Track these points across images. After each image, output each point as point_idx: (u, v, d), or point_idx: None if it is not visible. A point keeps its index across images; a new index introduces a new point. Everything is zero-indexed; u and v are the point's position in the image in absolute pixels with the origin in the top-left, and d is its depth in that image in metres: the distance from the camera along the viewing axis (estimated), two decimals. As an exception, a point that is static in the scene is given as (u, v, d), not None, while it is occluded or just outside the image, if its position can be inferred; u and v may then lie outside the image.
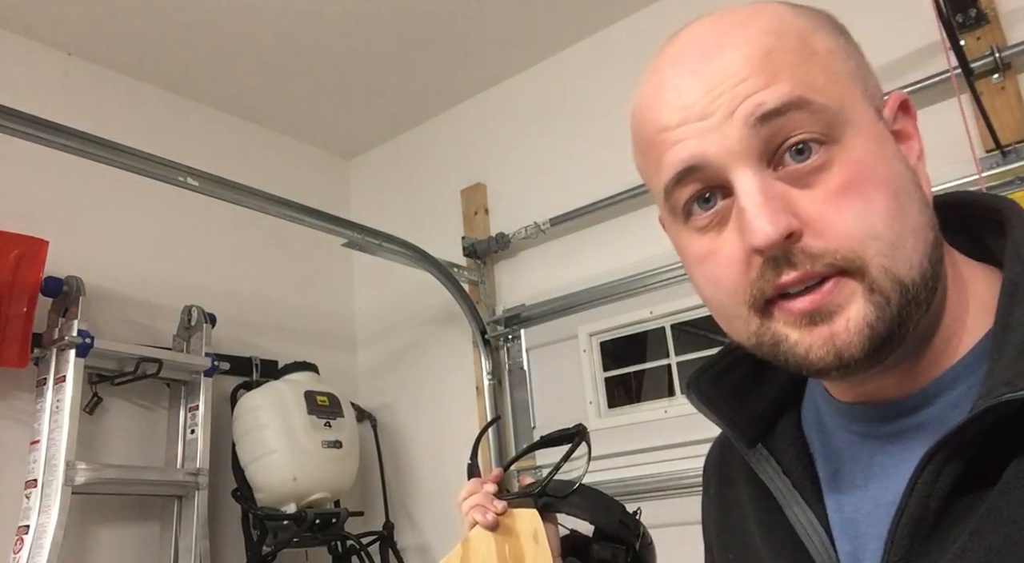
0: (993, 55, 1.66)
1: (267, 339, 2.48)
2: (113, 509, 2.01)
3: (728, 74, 0.50)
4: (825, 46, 0.52)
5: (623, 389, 2.22)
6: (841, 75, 0.51)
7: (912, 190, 0.51)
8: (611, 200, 2.20)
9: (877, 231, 0.48)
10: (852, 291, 0.48)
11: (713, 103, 0.50)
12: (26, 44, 2.16)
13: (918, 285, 0.48)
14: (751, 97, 0.49)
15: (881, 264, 0.47)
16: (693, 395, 0.63)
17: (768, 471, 0.59)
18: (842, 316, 0.48)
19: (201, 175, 1.79)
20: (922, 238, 0.49)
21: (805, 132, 0.49)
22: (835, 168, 0.49)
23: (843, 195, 0.48)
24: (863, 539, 0.53)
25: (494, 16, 2.29)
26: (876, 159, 0.49)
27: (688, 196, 0.53)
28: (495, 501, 0.82)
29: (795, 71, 0.50)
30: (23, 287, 1.83)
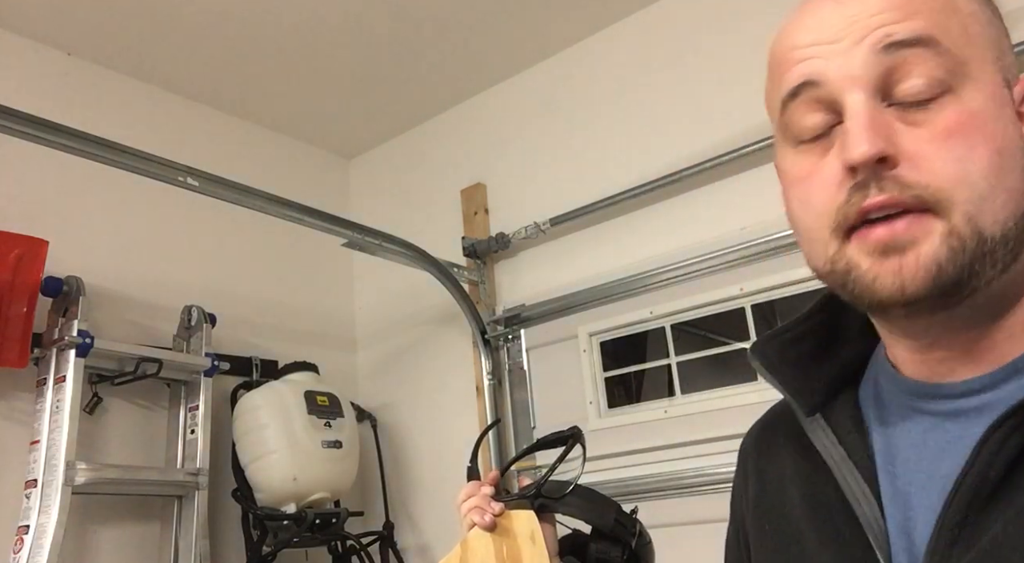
0: (993, 55, 1.65)
1: (267, 339, 2.49)
2: (113, 509, 2.01)
3: (869, 6, 0.52)
4: (969, 8, 0.53)
5: (623, 389, 2.22)
6: (976, 35, 0.52)
7: (1019, 156, 0.51)
8: (611, 200, 2.20)
9: (972, 179, 0.49)
10: (930, 229, 0.49)
11: (847, 29, 0.52)
12: (26, 44, 2.16)
13: (997, 241, 0.49)
14: (883, 27, 0.51)
15: (966, 210, 0.49)
16: (756, 360, 0.64)
17: (824, 440, 0.60)
18: (914, 251, 0.49)
19: (201, 175, 1.79)
20: (1014, 200, 0.50)
21: (926, 71, 0.50)
22: (946, 112, 0.50)
23: (948, 138, 0.49)
24: (915, 510, 0.54)
25: (494, 16, 2.29)
26: (989, 115, 0.50)
27: (801, 118, 0.55)
28: (492, 503, 0.85)
29: (932, 15, 0.51)
30: (23, 287, 1.83)
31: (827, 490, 0.59)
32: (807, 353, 0.64)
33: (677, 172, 2.07)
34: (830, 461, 0.59)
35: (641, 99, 2.28)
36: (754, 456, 0.72)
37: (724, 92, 2.08)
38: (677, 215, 2.12)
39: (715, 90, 2.10)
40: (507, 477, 1.02)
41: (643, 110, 2.27)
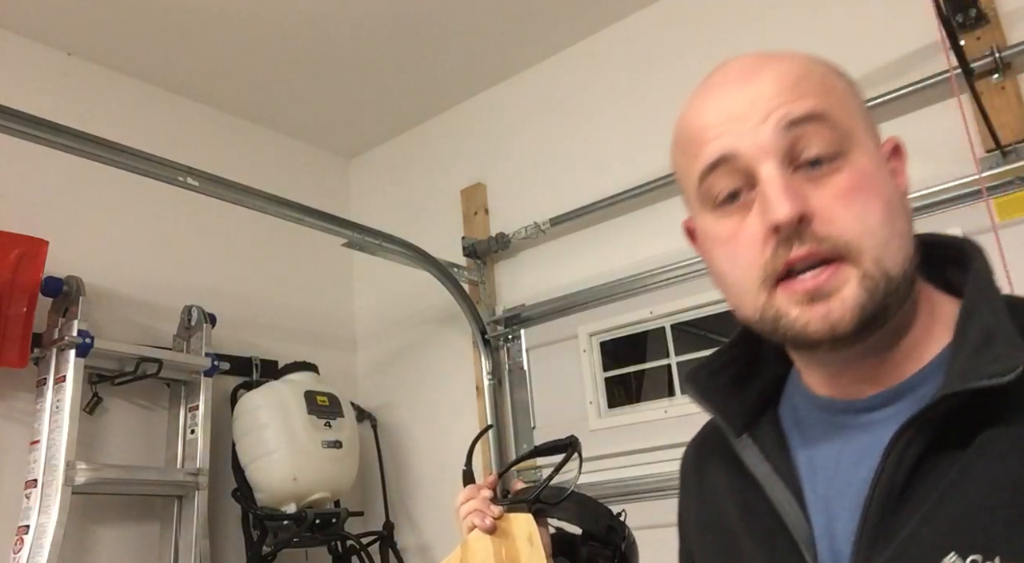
0: (993, 55, 1.66)
1: (267, 339, 2.49)
2: (113, 509, 2.01)
3: (766, 90, 0.61)
4: (840, 86, 0.64)
5: (623, 389, 2.22)
6: (852, 109, 0.62)
7: (901, 207, 0.61)
8: (611, 200, 2.21)
9: (873, 229, 0.57)
10: (848, 276, 0.57)
11: (751, 109, 0.61)
12: (26, 44, 2.17)
13: (899, 279, 0.58)
14: (783, 107, 0.60)
15: (874, 256, 0.57)
16: (690, 387, 0.72)
17: (752, 457, 0.67)
18: (837, 297, 0.57)
19: (201, 175, 1.80)
20: (904, 244, 0.60)
21: (822, 140, 0.59)
22: (843, 174, 0.59)
23: (849, 196, 0.58)
24: (835, 512, 0.61)
25: (494, 16, 2.29)
26: (876, 176, 0.60)
27: (719, 185, 0.62)
28: (492, 506, 0.86)
29: (818, 95, 0.61)
30: (23, 287, 1.83)
31: (758, 501, 0.66)
32: (732, 379, 0.72)
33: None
34: (759, 475, 0.66)
35: (641, 99, 2.28)
36: (693, 476, 0.78)
37: (724, 92, 2.07)
38: (677, 215, 2.09)
39: (715, 90, 2.10)
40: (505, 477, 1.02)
41: (643, 110, 2.27)
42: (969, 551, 0.52)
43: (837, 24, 1.94)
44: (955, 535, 0.53)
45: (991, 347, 0.56)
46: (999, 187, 1.64)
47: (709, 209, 0.64)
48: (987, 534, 0.51)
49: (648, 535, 1.01)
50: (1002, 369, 0.53)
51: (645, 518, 1.17)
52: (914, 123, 1.79)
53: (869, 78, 1.86)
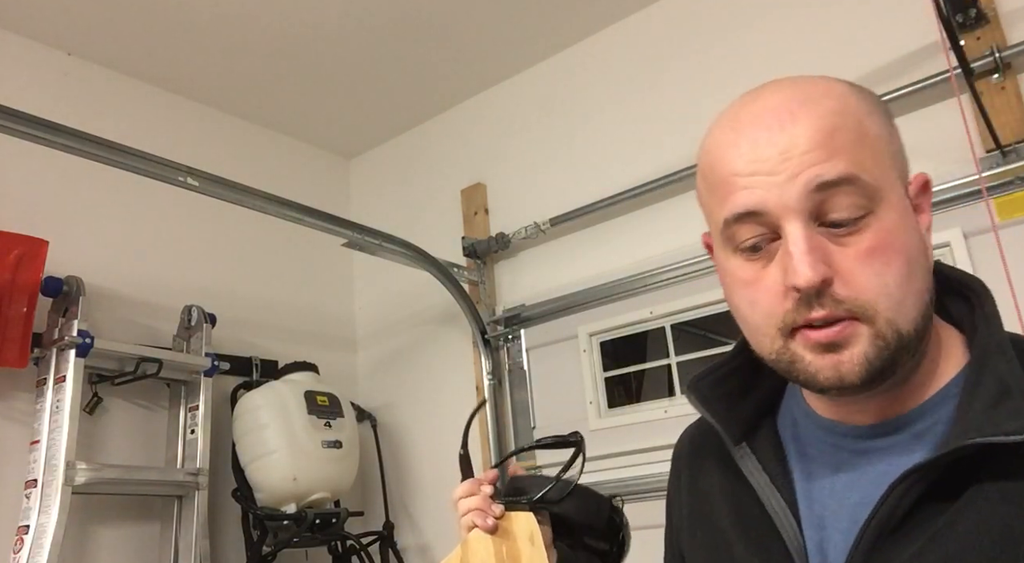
0: (993, 55, 1.66)
1: (267, 339, 2.49)
2: (113, 509, 2.01)
3: (798, 143, 0.60)
4: (876, 131, 0.62)
5: (623, 389, 2.22)
6: (884, 157, 0.62)
7: (921, 259, 0.62)
8: (611, 200, 2.20)
9: (890, 290, 0.59)
10: (860, 333, 0.59)
11: (782, 164, 0.60)
12: (26, 44, 2.17)
13: (912, 336, 0.60)
14: (814, 167, 0.59)
15: (887, 317, 0.59)
16: (692, 396, 0.73)
17: (749, 466, 0.69)
18: (848, 350, 0.59)
19: (201, 175, 1.79)
20: (921, 300, 0.61)
21: (850, 203, 0.59)
22: (867, 233, 0.59)
23: (870, 256, 0.59)
24: (828, 531, 0.63)
25: (494, 16, 2.29)
26: (900, 230, 0.60)
27: (745, 233, 0.63)
28: (493, 505, 0.84)
29: (851, 151, 0.60)
30: (23, 287, 1.83)
31: (752, 507, 0.68)
32: (733, 389, 0.74)
33: (677, 172, 2.07)
34: (755, 484, 0.68)
35: (641, 99, 2.28)
36: (687, 471, 0.80)
37: (724, 92, 2.07)
38: (677, 215, 2.12)
39: (715, 90, 2.10)
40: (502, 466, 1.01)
41: (643, 110, 2.27)
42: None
43: (837, 24, 1.94)
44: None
45: (1008, 401, 0.57)
46: (999, 187, 1.64)
47: (731, 250, 0.65)
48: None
49: (648, 535, 1.01)
50: (1019, 427, 0.55)
51: (645, 518, 1.17)
52: (914, 123, 1.79)
53: (869, 78, 1.86)
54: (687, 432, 0.85)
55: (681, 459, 0.83)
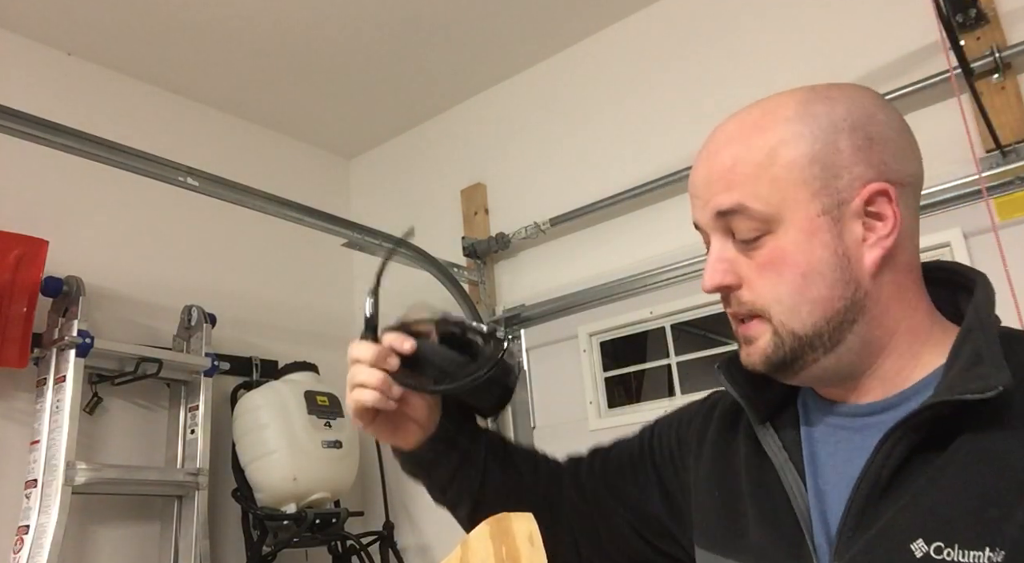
0: (993, 55, 1.66)
1: (267, 339, 2.49)
2: (113, 509, 2.01)
3: (711, 174, 0.72)
4: (788, 157, 0.69)
5: (623, 389, 2.22)
6: (788, 186, 0.69)
7: (827, 271, 0.68)
8: (611, 200, 2.20)
9: (781, 297, 0.69)
10: (764, 330, 0.71)
11: (703, 190, 0.73)
12: (26, 44, 2.17)
13: (811, 336, 0.69)
14: (715, 197, 0.71)
15: (780, 320, 0.69)
16: (722, 376, 0.80)
17: (772, 445, 0.76)
18: (755, 344, 0.71)
19: (201, 175, 1.80)
20: (822, 307, 0.68)
21: (743, 227, 0.70)
22: (763, 250, 0.69)
23: (765, 268, 0.70)
24: (829, 503, 0.70)
25: (494, 16, 2.29)
26: (797, 248, 0.68)
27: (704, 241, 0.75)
28: (393, 387, 0.83)
29: (747, 185, 0.69)
30: (23, 287, 1.83)
31: (770, 481, 0.75)
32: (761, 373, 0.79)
33: (677, 172, 2.07)
34: (775, 461, 0.75)
35: (641, 99, 2.28)
36: (718, 424, 0.86)
37: (723, 92, 2.08)
38: (677, 215, 2.12)
39: (714, 90, 2.10)
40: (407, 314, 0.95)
41: (643, 110, 2.27)
42: (934, 538, 0.60)
43: (838, 24, 1.94)
44: (924, 524, 0.61)
45: (979, 367, 0.63)
46: (999, 187, 1.64)
47: None
48: (950, 525, 0.60)
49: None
50: (984, 387, 0.61)
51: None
52: (914, 123, 1.76)
53: (869, 78, 1.85)
54: (715, 397, 0.90)
55: (715, 408, 0.88)
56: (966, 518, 0.60)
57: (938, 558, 0.59)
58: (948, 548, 0.59)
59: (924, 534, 0.61)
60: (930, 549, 0.60)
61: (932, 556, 0.60)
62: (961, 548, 0.59)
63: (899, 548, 0.61)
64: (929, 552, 0.60)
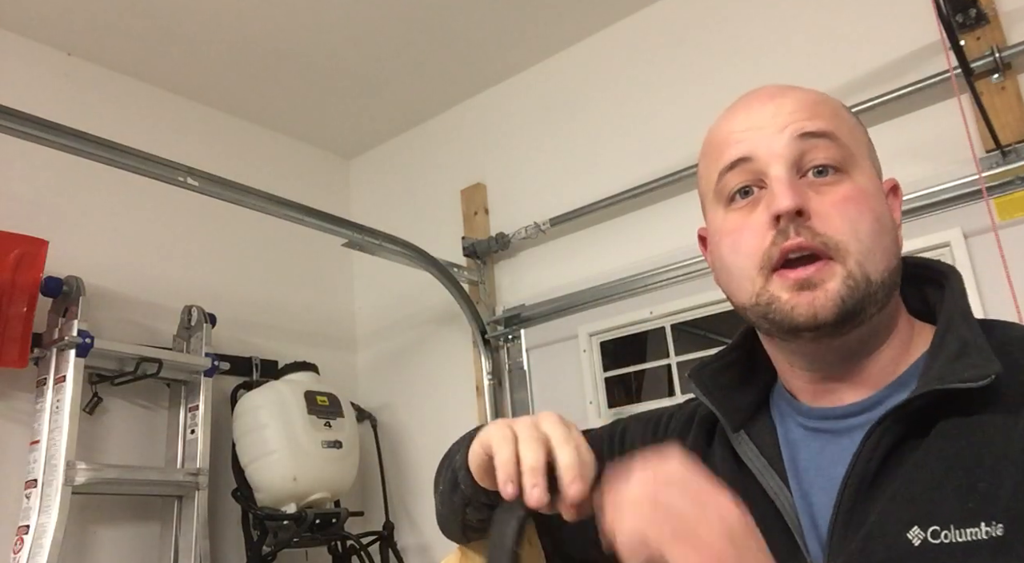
0: (993, 55, 1.66)
1: (267, 339, 2.49)
2: (113, 509, 2.01)
3: (786, 107, 0.70)
4: (850, 120, 0.73)
5: (623, 389, 2.22)
6: (857, 138, 0.71)
7: (890, 228, 0.69)
8: (611, 200, 2.20)
9: (860, 236, 0.66)
10: (834, 272, 0.66)
11: (771, 121, 0.70)
12: (26, 44, 2.16)
13: (878, 284, 0.66)
14: (798, 122, 0.69)
15: (858, 259, 0.66)
16: (694, 384, 0.78)
17: (748, 452, 0.74)
18: (822, 288, 0.65)
19: (201, 175, 1.79)
20: (888, 256, 0.68)
21: (828, 154, 0.68)
22: (843, 186, 0.68)
23: (844, 204, 0.67)
24: (817, 506, 0.69)
25: (494, 16, 2.29)
26: (871, 194, 0.69)
27: (735, 183, 0.71)
28: None
29: (831, 118, 0.70)
30: (23, 287, 1.83)
31: (751, 487, 0.72)
32: (734, 379, 0.79)
33: (677, 172, 2.07)
34: (754, 468, 0.73)
35: (641, 99, 2.28)
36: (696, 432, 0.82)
37: (724, 92, 2.07)
38: (677, 215, 2.12)
39: (714, 90, 2.10)
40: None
41: (643, 110, 2.27)
42: (929, 523, 0.59)
43: (838, 24, 1.94)
44: (916, 512, 0.60)
45: (967, 356, 0.64)
46: (999, 187, 1.64)
47: (723, 205, 0.73)
48: (942, 507, 0.59)
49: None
50: (977, 375, 0.61)
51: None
52: (914, 123, 1.79)
53: (869, 78, 1.85)
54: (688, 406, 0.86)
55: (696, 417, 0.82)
56: (957, 497, 0.59)
57: (936, 543, 0.58)
58: (944, 531, 0.58)
59: (918, 521, 0.60)
60: (927, 534, 0.59)
61: (930, 541, 0.59)
62: (957, 528, 0.58)
63: (895, 539, 0.60)
64: (926, 538, 0.59)
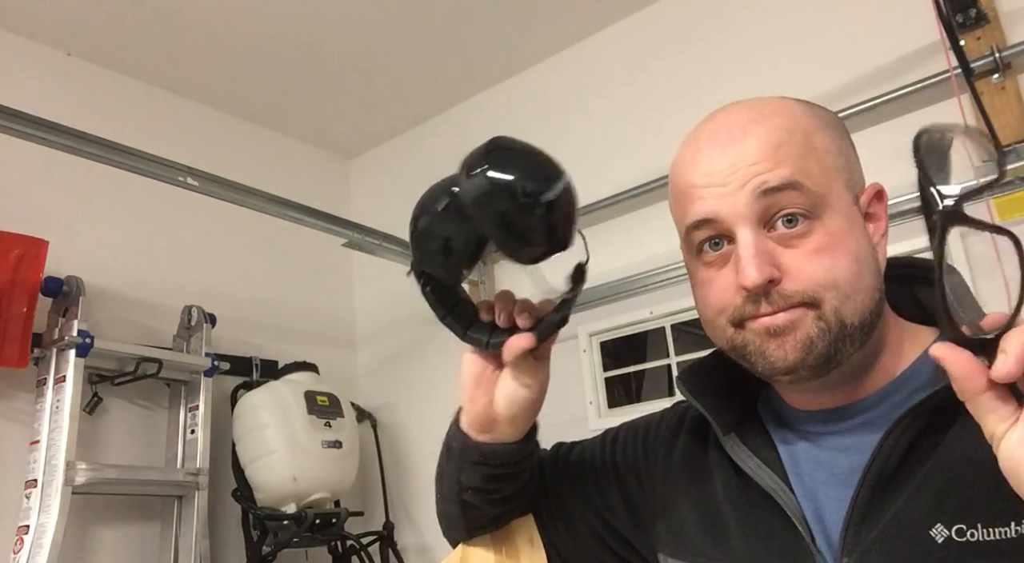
0: (993, 55, 1.65)
1: (267, 339, 2.48)
2: (113, 509, 2.01)
3: (746, 155, 0.66)
4: (823, 144, 0.68)
5: (623, 389, 2.22)
6: (830, 169, 0.67)
7: (870, 261, 0.67)
8: (611, 200, 2.20)
9: (838, 282, 0.64)
10: (805, 317, 0.64)
11: (732, 175, 0.66)
12: (26, 44, 2.16)
13: (856, 327, 0.65)
14: (759, 176, 0.65)
15: (833, 305, 0.64)
16: (684, 387, 0.78)
17: (740, 453, 0.73)
18: (792, 334, 0.65)
19: (201, 175, 1.80)
20: (869, 296, 0.66)
21: (795, 207, 0.65)
22: (814, 236, 0.65)
23: (817, 254, 0.64)
24: (822, 499, 0.68)
25: (494, 16, 2.29)
26: (846, 233, 0.66)
27: (702, 238, 0.69)
28: None
29: (796, 161, 0.65)
30: (23, 287, 1.83)
31: (748, 486, 0.72)
32: (721, 383, 0.78)
33: (677, 172, 2.06)
34: (747, 469, 0.72)
35: (641, 99, 2.28)
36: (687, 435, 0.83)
37: (723, 91, 2.07)
38: (677, 215, 2.11)
39: (714, 90, 2.10)
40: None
41: (643, 110, 2.27)
42: (954, 521, 0.58)
43: (837, 24, 1.94)
44: (940, 508, 0.59)
45: None
46: (999, 187, 1.64)
47: (694, 255, 0.72)
48: (968, 506, 0.58)
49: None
50: None
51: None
52: (914, 123, 1.77)
53: (869, 78, 1.85)
54: (677, 409, 0.88)
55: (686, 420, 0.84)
56: (985, 498, 0.58)
57: (961, 540, 0.58)
58: (971, 529, 0.57)
59: (942, 518, 0.59)
60: (951, 532, 0.58)
61: (955, 539, 0.58)
62: (985, 527, 0.57)
63: (916, 536, 0.60)
64: (951, 535, 0.58)
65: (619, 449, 0.89)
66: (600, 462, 0.89)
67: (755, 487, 0.71)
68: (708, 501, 0.76)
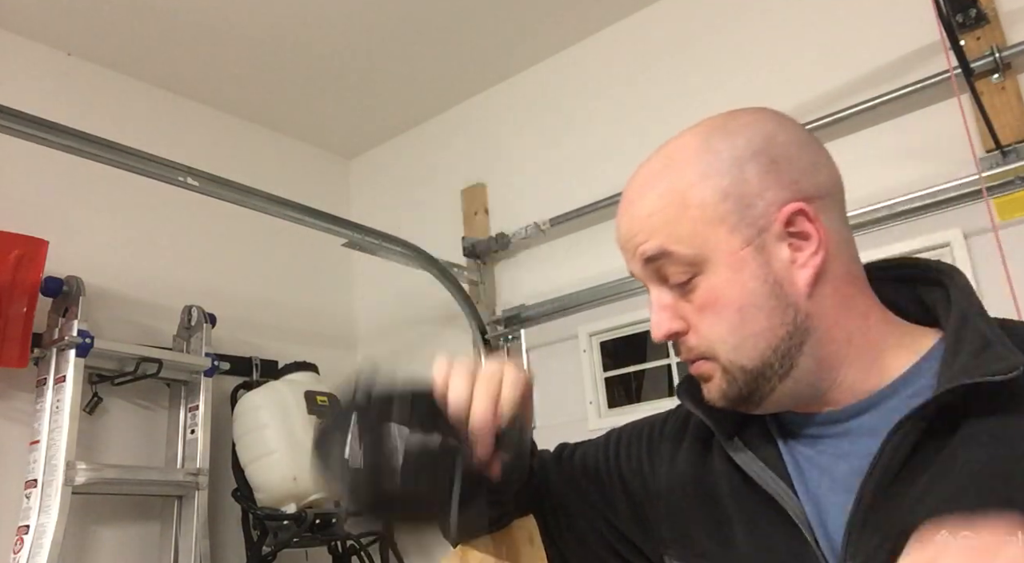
0: (993, 55, 1.66)
1: (267, 339, 2.48)
2: (113, 509, 2.01)
3: (632, 224, 0.72)
4: (700, 199, 0.69)
5: (623, 389, 2.22)
6: (709, 222, 0.69)
7: (763, 303, 0.68)
8: (611, 200, 2.20)
9: (723, 337, 0.69)
10: (713, 368, 0.71)
11: (627, 243, 0.73)
12: (26, 44, 2.16)
13: (759, 368, 0.69)
14: (640, 246, 0.71)
15: (727, 358, 0.69)
16: (684, 395, 0.79)
17: (744, 458, 0.74)
18: (708, 383, 0.72)
19: (201, 175, 1.79)
20: (765, 338, 0.68)
21: (672, 271, 0.70)
22: (698, 293, 0.69)
23: (703, 311, 0.69)
24: (824, 504, 0.69)
25: (494, 16, 2.29)
26: (728, 284, 0.68)
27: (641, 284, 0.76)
28: None
29: (666, 229, 0.70)
30: (23, 287, 1.83)
31: (753, 490, 0.73)
32: None
33: (677, 172, 2.06)
34: (751, 472, 0.73)
35: (641, 99, 2.28)
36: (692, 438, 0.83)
37: (723, 91, 2.08)
38: (677, 215, 2.11)
39: (714, 90, 2.10)
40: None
41: (643, 110, 2.27)
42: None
43: (838, 24, 1.94)
44: (945, 513, 0.58)
45: (991, 350, 0.62)
46: (999, 187, 1.64)
47: None
48: (974, 511, 0.57)
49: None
50: (1005, 367, 0.60)
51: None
52: (914, 123, 1.79)
53: (869, 78, 1.86)
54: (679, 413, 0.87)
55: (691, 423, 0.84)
56: (991, 501, 0.58)
57: None
58: None
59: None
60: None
61: None
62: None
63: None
64: None
65: (623, 451, 0.89)
66: (604, 463, 0.89)
67: (759, 490, 0.72)
68: (713, 503, 0.76)
